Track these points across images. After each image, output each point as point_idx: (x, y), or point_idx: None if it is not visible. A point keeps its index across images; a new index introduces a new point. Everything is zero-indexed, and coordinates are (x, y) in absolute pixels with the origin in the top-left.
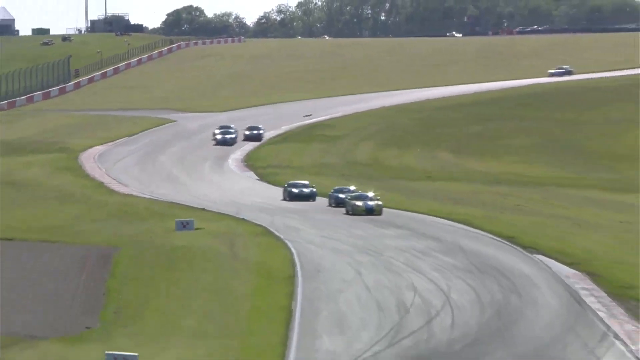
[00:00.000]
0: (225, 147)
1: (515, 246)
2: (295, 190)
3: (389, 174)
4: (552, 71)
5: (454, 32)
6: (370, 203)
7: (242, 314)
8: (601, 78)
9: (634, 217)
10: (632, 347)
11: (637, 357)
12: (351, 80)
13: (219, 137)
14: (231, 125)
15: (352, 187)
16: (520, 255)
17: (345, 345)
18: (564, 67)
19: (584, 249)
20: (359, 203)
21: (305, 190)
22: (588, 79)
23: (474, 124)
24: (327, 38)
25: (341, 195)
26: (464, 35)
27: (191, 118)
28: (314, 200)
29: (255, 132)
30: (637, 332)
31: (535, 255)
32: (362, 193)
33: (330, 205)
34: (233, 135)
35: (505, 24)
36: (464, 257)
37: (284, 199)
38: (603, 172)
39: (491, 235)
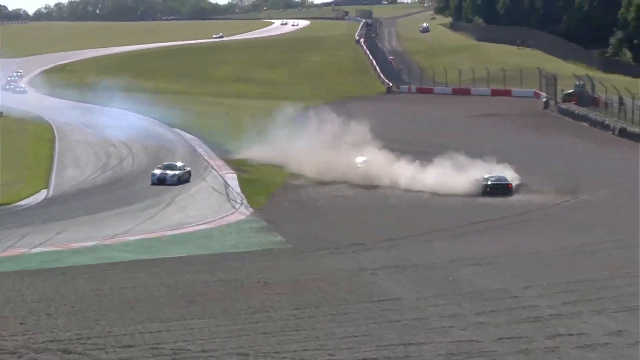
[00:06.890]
0: (14, 74)
1: (164, 125)
2: None
3: (103, 89)
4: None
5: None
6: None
7: (27, 158)
8: (221, 41)
9: (230, 110)
10: (220, 172)
11: (222, 177)
12: (87, 41)
13: None
14: None
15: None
16: (168, 129)
17: (79, 173)
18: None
19: (202, 126)
20: None
21: None
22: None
23: (147, 63)
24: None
25: None
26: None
27: None
28: None
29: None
30: (222, 166)
31: (174, 129)
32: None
33: None
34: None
35: (158, 15)
36: (141, 131)
37: None
38: (209, 87)
39: (152, 118)
